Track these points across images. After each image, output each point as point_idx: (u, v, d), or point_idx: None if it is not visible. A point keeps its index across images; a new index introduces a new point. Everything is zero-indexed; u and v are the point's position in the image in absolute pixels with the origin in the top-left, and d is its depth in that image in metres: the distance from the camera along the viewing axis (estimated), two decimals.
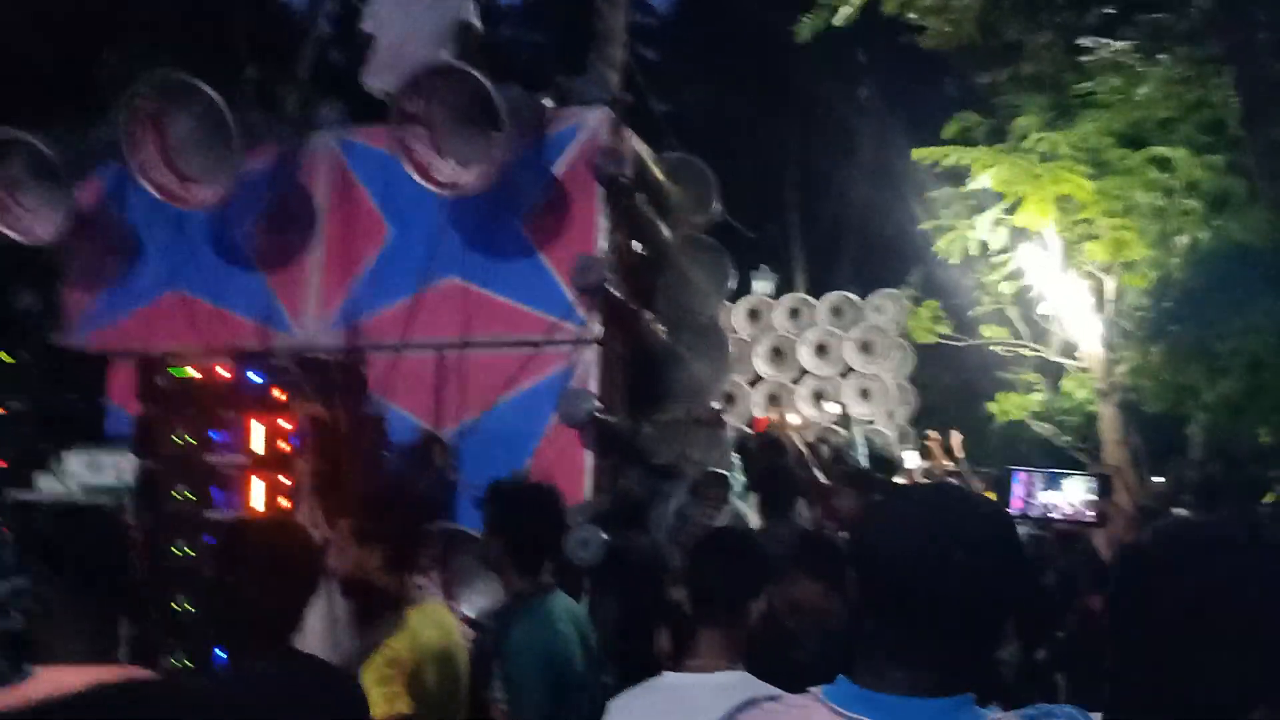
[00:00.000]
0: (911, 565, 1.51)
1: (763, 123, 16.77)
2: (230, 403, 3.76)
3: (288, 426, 3.66)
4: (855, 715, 1.50)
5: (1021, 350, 10.58)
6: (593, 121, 4.93)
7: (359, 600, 3.17)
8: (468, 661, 3.27)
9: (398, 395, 4.91)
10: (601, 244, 4.84)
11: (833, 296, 12.94)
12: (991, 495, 10.22)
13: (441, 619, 3.23)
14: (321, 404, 3.80)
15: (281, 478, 3.68)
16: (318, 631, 3.57)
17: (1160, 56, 8.53)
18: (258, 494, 3.70)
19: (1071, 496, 5.13)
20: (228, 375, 3.78)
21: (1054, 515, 4.99)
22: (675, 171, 5.72)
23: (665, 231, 5.43)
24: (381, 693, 2.82)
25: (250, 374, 3.78)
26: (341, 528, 3.09)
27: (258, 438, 3.72)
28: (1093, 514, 4.85)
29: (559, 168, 4.96)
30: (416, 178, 4.61)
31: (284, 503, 3.65)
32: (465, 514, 4.71)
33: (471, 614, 4.20)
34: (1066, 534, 7.35)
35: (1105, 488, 5.17)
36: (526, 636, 3.10)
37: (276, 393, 3.72)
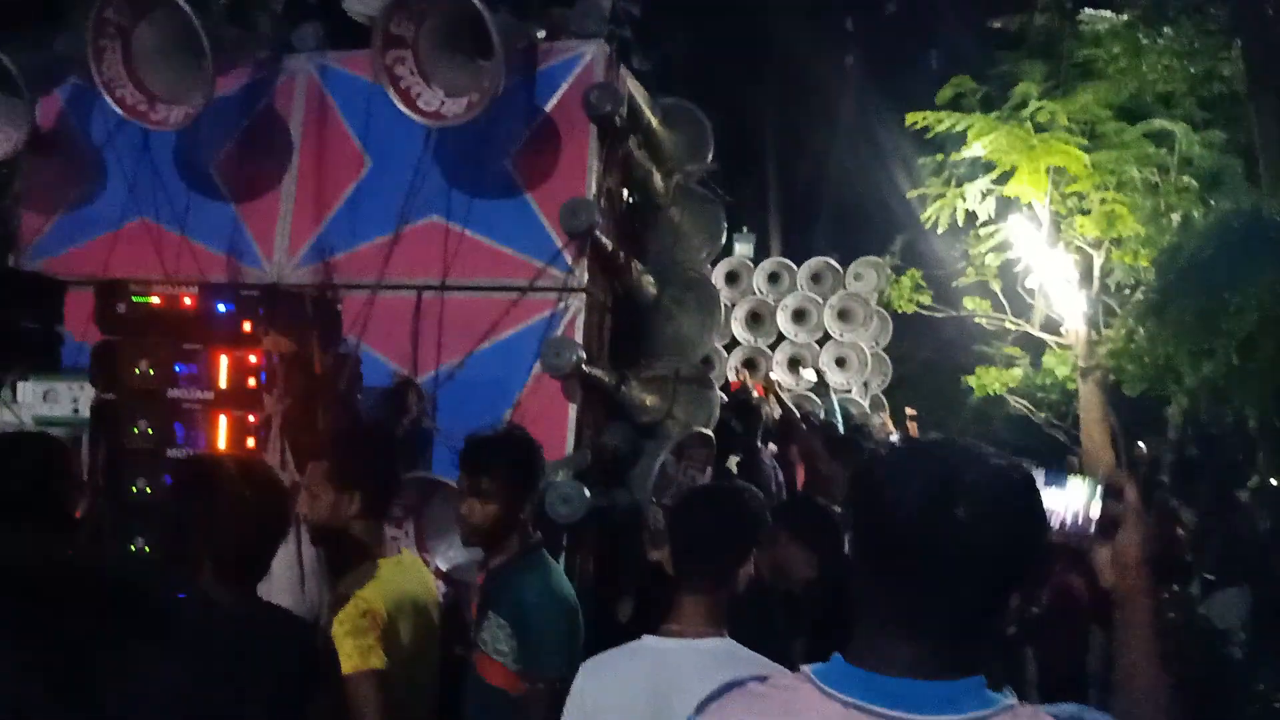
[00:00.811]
0: (917, 519, 1.32)
1: (745, 83, 16.49)
2: (196, 334, 3.52)
3: (255, 362, 3.42)
4: (850, 699, 1.31)
5: (1003, 324, 10.50)
6: (588, 55, 4.68)
7: (330, 548, 2.97)
8: (440, 615, 3.10)
9: (373, 337, 4.68)
10: (592, 187, 4.61)
11: (813, 262, 12.81)
12: None
13: (417, 570, 3.05)
14: (293, 340, 3.56)
15: (248, 416, 3.44)
16: (284, 579, 3.38)
17: (1166, 29, 8.38)
18: (222, 432, 3.47)
19: (1074, 501, 4.97)
20: (193, 304, 3.53)
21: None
22: (669, 117, 5.48)
23: (658, 178, 5.20)
24: (355, 645, 2.65)
25: (218, 304, 3.53)
26: (316, 470, 2.88)
27: (223, 372, 3.48)
28: (1093, 529, 4.69)
29: (549, 104, 4.71)
30: (400, 105, 4.35)
31: (250, 442, 3.42)
32: (441, 462, 4.52)
33: (445, 567, 4.02)
34: None
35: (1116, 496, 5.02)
36: (545, 589, 2.97)
37: (246, 325, 3.47)
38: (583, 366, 4.41)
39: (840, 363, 12.31)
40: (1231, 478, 7.19)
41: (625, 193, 5.14)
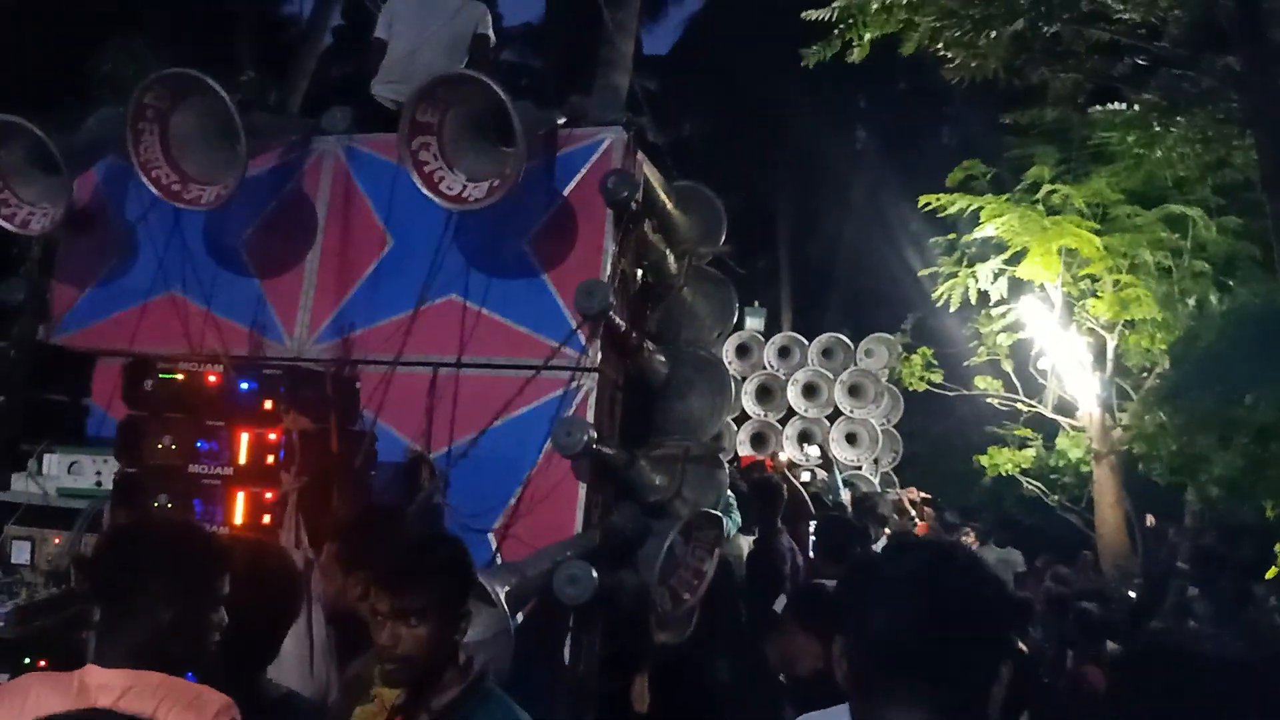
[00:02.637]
0: (912, 633, 1.48)
1: (760, 160, 16.79)
2: (218, 411, 3.60)
3: (274, 439, 3.50)
4: None
5: (1015, 405, 10.53)
6: (606, 142, 4.83)
7: (342, 629, 3.02)
8: None
9: (389, 413, 4.76)
10: (607, 269, 4.72)
11: (824, 338, 12.92)
12: (973, 542, 10.12)
13: None
14: (311, 418, 3.64)
15: (265, 493, 3.51)
16: (293, 658, 3.42)
17: (1179, 118, 8.53)
18: (239, 508, 3.54)
19: None
20: (217, 381, 3.63)
21: None
22: (683, 200, 5.62)
23: (671, 260, 5.32)
24: None
25: (241, 382, 3.62)
26: (327, 553, 2.94)
27: (243, 449, 3.56)
28: None
29: (568, 188, 4.85)
30: (423, 189, 4.48)
31: (266, 518, 3.48)
32: None
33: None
34: (1059, 598, 7.26)
35: None
36: None
37: (267, 403, 3.56)
38: (593, 446, 4.48)
39: (851, 439, 12.33)
40: (1250, 570, 7.13)
41: (639, 274, 5.25)
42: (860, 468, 11.67)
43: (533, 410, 4.71)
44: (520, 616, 4.37)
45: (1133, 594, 7.55)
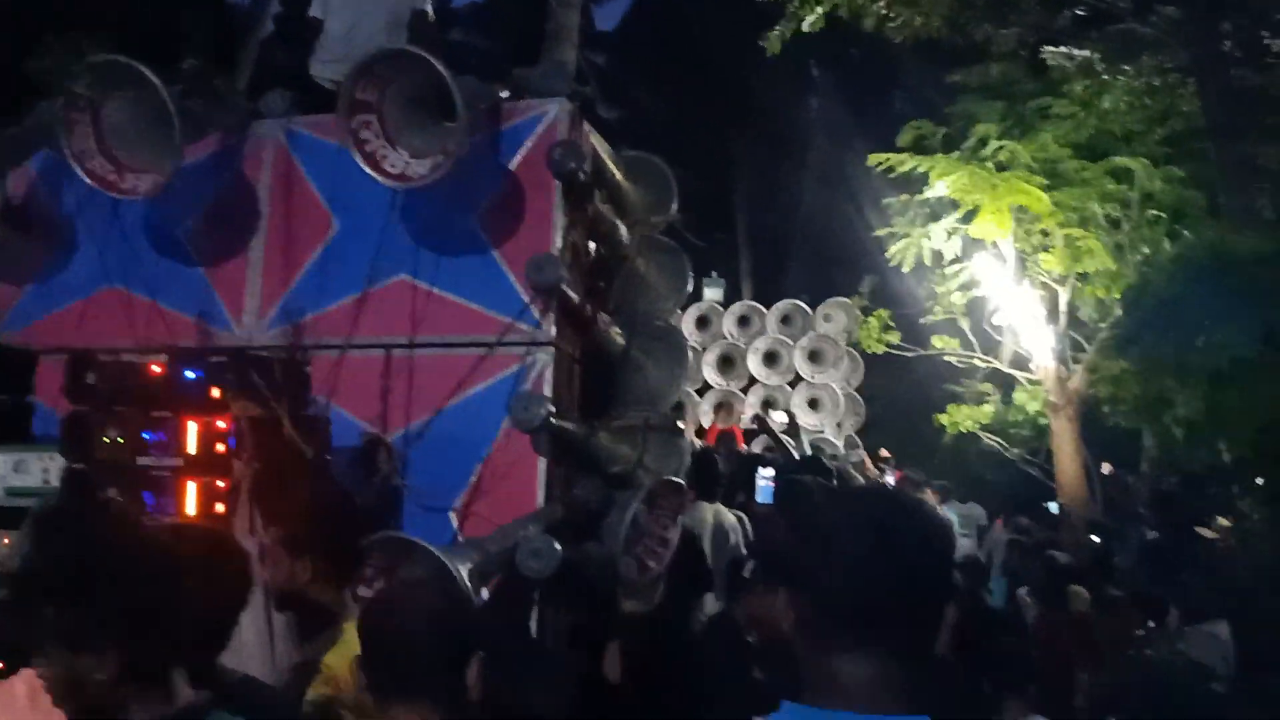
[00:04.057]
0: (858, 581, 1.48)
1: (714, 130, 16.75)
2: (164, 401, 3.55)
3: (224, 427, 3.45)
4: None
5: (973, 361, 10.63)
6: (551, 114, 4.78)
7: (294, 613, 2.99)
8: None
9: (342, 397, 4.71)
10: (557, 242, 4.69)
11: (782, 305, 12.96)
12: (935, 498, 10.21)
13: None
14: (261, 404, 3.60)
15: (217, 481, 3.47)
16: (255, 644, 3.39)
17: (1125, 67, 8.60)
18: (191, 498, 3.49)
19: None
20: (162, 372, 3.57)
21: None
22: (633, 170, 5.59)
23: (623, 231, 5.30)
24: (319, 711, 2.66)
25: (186, 371, 3.56)
26: (273, 537, 2.91)
27: (192, 439, 3.51)
28: None
29: (514, 162, 4.80)
30: (366, 168, 4.42)
31: (219, 507, 3.44)
32: (412, 521, 4.54)
33: None
34: (1027, 548, 7.37)
35: None
36: None
37: (213, 391, 3.51)
38: (552, 420, 4.46)
39: (813, 404, 12.41)
40: (1210, 513, 7.26)
41: (591, 246, 5.22)
42: (824, 432, 11.74)
43: (489, 387, 4.68)
44: (485, 594, 4.38)
45: (1095, 538, 7.68)
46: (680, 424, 5.65)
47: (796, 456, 8.75)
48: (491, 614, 4.17)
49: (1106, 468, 10.50)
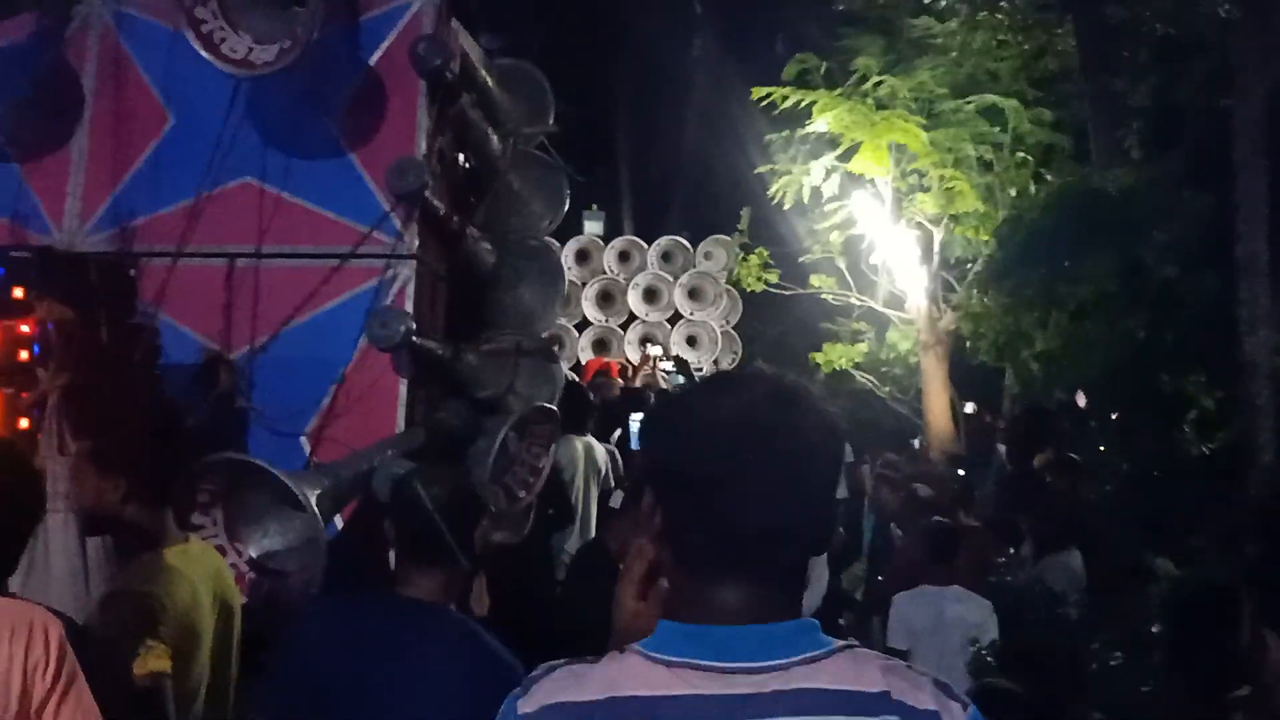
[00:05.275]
0: (727, 454, 1.23)
1: (593, 60, 16.26)
2: None
3: (28, 332, 3.01)
4: (677, 659, 1.20)
5: (849, 300, 10.65)
6: (415, 5, 4.38)
7: (111, 539, 2.63)
8: (239, 607, 2.79)
9: (179, 310, 4.27)
10: (422, 146, 4.32)
11: (663, 241, 12.81)
12: None
13: (208, 560, 2.72)
14: (74, 308, 3.16)
15: (21, 393, 3.04)
16: (64, 572, 3.01)
17: (1002, 3, 8.59)
18: None
19: None
20: None
21: None
22: (506, 78, 5.22)
23: (494, 142, 4.94)
24: (133, 645, 2.32)
25: None
26: (79, 452, 2.53)
27: None
28: None
29: (375, 57, 4.39)
30: (202, 52, 3.95)
31: (23, 423, 3.01)
32: (259, 445, 4.17)
33: (257, 554, 3.68)
34: (891, 481, 7.40)
35: None
36: None
37: (16, 291, 3.06)
38: (413, 338, 4.13)
39: (691, 341, 12.33)
40: (1063, 446, 7.42)
41: (460, 156, 4.86)
42: (701, 369, 11.66)
43: (344, 303, 4.32)
44: (339, 523, 4.07)
45: (961, 472, 7.79)
46: (555, 349, 5.38)
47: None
48: (345, 543, 3.87)
49: (970, 407, 10.74)
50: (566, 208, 5.66)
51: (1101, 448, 7.38)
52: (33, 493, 2.08)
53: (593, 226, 13.25)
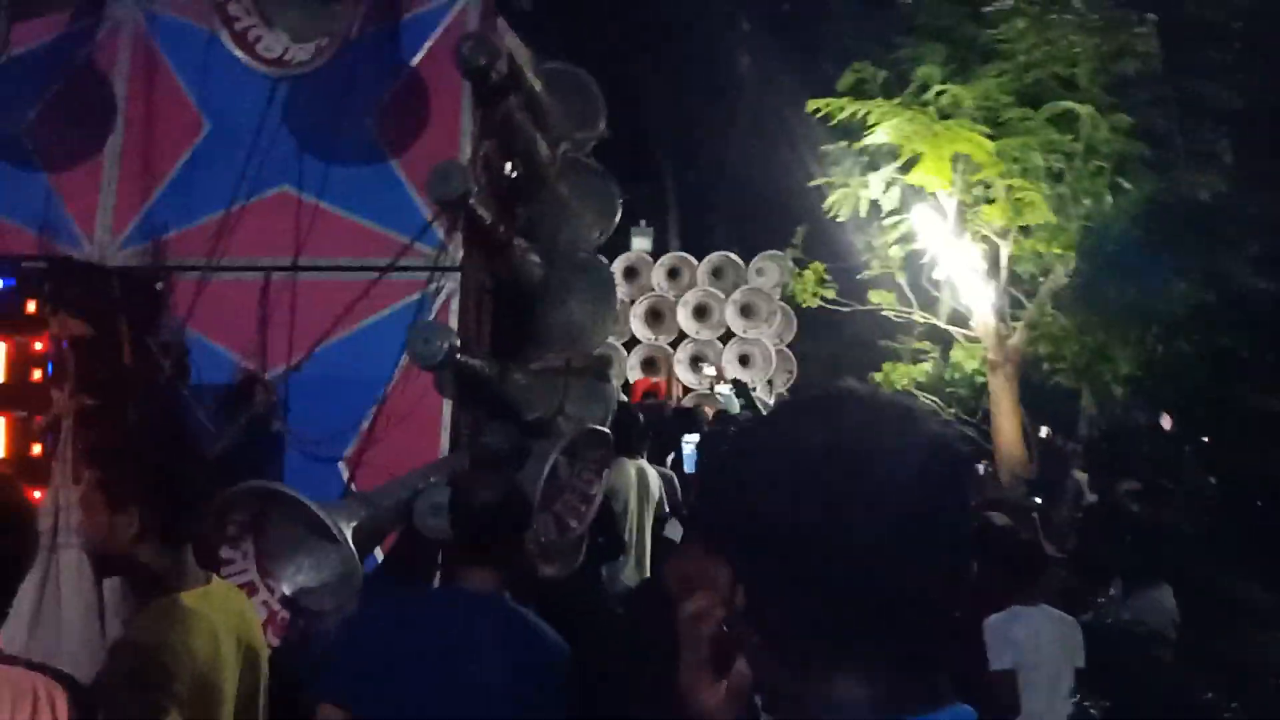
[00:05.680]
0: (829, 501, 0.93)
1: (641, 72, 16.05)
2: None
3: (41, 349, 2.76)
4: None
5: (910, 317, 10.22)
6: (460, 2, 4.13)
7: (126, 582, 2.35)
8: (268, 656, 2.49)
9: (213, 327, 4.05)
10: (466, 151, 4.05)
11: (714, 257, 12.52)
12: None
13: (231, 603, 2.43)
14: (92, 323, 2.90)
15: (34, 416, 2.78)
16: (80, 618, 2.74)
17: (1075, 3, 8.15)
18: (1, 436, 2.80)
19: None
20: None
21: None
22: (555, 83, 4.94)
23: (543, 148, 4.66)
24: (136, 701, 2.03)
25: None
26: (88, 480, 2.25)
27: (4, 363, 2.81)
28: None
29: (417, 57, 4.14)
30: (236, 51, 3.72)
31: (35, 449, 2.75)
32: (294, 470, 3.92)
33: (290, 592, 3.39)
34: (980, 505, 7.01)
35: None
36: None
37: (29, 305, 2.81)
38: (458, 356, 3.84)
39: (744, 360, 11.97)
40: (1148, 471, 6.97)
41: (506, 163, 4.59)
42: (755, 389, 11.30)
43: (385, 317, 4.07)
44: (379, 554, 3.79)
45: (1039, 500, 7.35)
46: (607, 368, 5.07)
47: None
48: (383, 578, 3.58)
49: (1044, 431, 10.23)
50: (618, 218, 5.36)
51: (1191, 473, 6.89)
52: (20, 536, 1.80)
53: (641, 243, 12.97)
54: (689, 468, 6.90)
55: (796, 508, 0.94)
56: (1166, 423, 7.63)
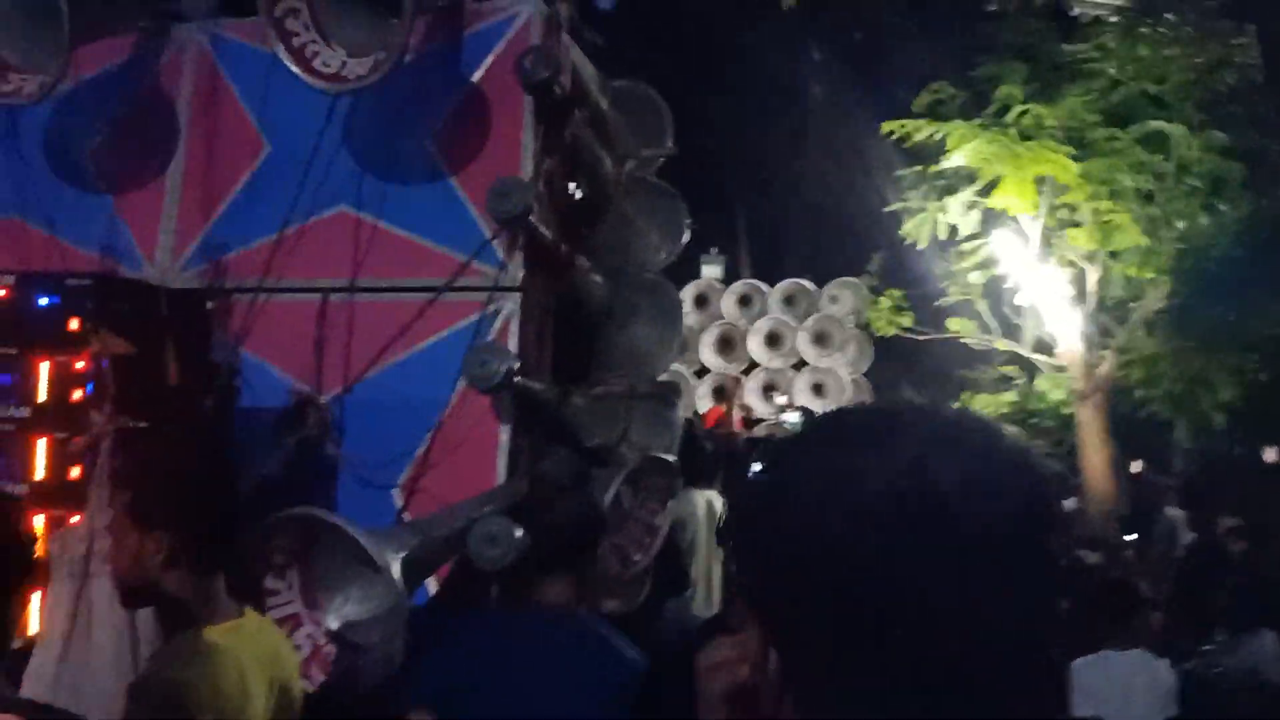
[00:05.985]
0: (888, 550, 0.74)
1: (710, 95, 15.93)
2: (10, 334, 2.77)
3: (83, 368, 2.67)
4: None
5: (992, 345, 9.85)
6: (523, 16, 4.02)
7: (140, 606, 2.22)
8: (300, 695, 2.33)
9: (269, 348, 3.97)
10: (527, 167, 3.92)
11: (786, 284, 12.32)
12: None
13: (265, 638, 2.28)
14: (137, 342, 2.81)
15: (73, 437, 2.69)
16: (110, 649, 2.62)
17: (1168, 15, 7.78)
18: (41, 459, 2.71)
19: None
20: (7, 297, 2.79)
21: None
22: (621, 100, 4.82)
23: (608, 165, 4.52)
24: None
25: (38, 297, 2.78)
26: (117, 503, 2.13)
27: (44, 383, 2.73)
28: None
29: (477, 73, 4.03)
30: (293, 67, 3.65)
31: (74, 471, 2.66)
32: (348, 496, 3.80)
33: (337, 626, 3.25)
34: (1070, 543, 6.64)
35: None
36: None
37: (72, 322, 2.73)
38: (516, 379, 3.69)
39: (818, 389, 11.70)
40: (1250, 508, 6.53)
41: (570, 180, 4.45)
42: None
43: (443, 339, 3.95)
44: (432, 586, 3.63)
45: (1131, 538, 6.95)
46: (673, 393, 4.89)
47: None
48: (434, 613, 3.43)
49: (1136, 465, 9.72)
50: (686, 239, 5.19)
51: None
52: (26, 560, 1.67)
53: (711, 270, 12.82)
54: None
55: (849, 557, 0.74)
56: (1270, 455, 7.15)
